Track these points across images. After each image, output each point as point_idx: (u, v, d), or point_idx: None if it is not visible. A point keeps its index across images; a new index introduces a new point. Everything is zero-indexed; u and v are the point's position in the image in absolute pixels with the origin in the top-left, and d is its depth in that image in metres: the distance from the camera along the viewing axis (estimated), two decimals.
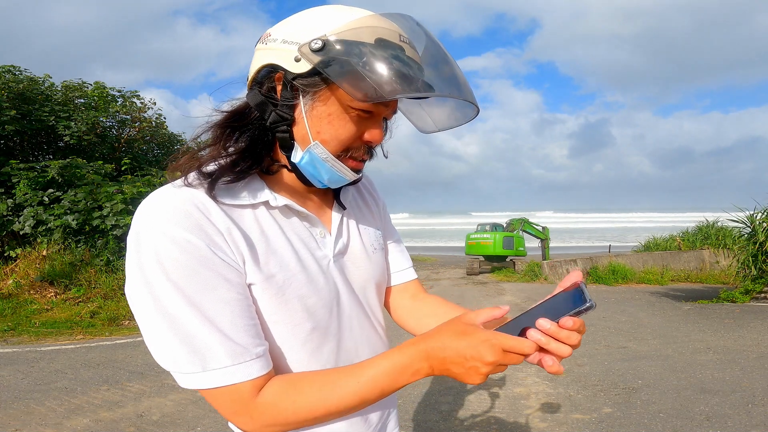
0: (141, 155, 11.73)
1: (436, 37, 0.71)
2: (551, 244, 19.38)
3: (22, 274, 7.59)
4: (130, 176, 9.02)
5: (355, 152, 0.73)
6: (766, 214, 8.89)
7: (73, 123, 9.82)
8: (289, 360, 0.72)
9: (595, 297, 0.63)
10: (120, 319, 6.88)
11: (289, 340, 0.72)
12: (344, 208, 0.84)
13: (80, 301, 7.23)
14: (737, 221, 9.36)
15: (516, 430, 3.21)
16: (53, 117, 9.80)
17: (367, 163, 0.77)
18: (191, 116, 0.74)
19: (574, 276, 0.64)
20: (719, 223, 15.62)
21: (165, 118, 12.48)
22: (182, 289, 0.61)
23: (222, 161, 0.70)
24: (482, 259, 16.79)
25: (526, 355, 0.61)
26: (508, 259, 16.77)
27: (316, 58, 0.63)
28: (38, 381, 4.20)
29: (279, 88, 0.70)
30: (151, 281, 0.61)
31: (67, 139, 9.82)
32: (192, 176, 0.68)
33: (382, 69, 0.62)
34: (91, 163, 8.84)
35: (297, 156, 0.72)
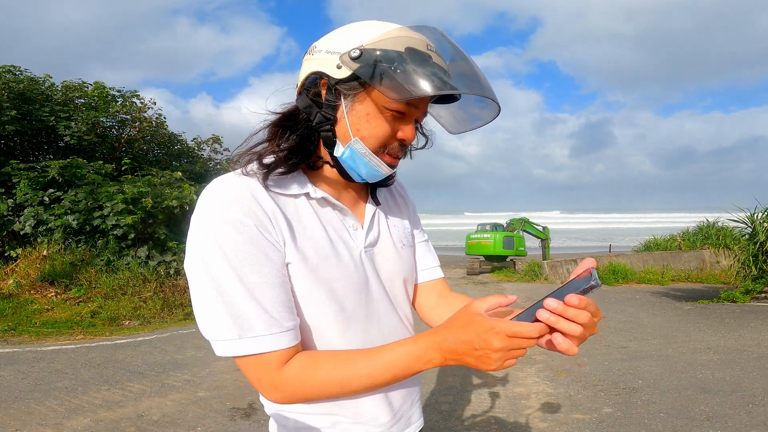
0: (141, 155, 11.71)
1: (459, 45, 0.79)
2: (551, 244, 19.38)
3: (22, 274, 7.58)
4: (130, 176, 9.00)
5: (391, 149, 0.81)
6: (766, 213, 8.89)
7: (73, 123, 9.81)
8: (317, 338, 0.79)
9: (599, 294, 0.62)
10: (120, 319, 6.88)
11: (319, 319, 0.78)
12: (378, 204, 0.92)
13: (81, 301, 7.23)
14: (738, 221, 9.35)
15: (516, 430, 3.21)
16: (53, 117, 9.78)
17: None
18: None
19: (587, 263, 0.67)
20: (720, 223, 15.61)
21: (165, 117, 12.48)
22: (231, 263, 0.69)
23: (276, 156, 0.79)
24: (482, 259, 16.78)
25: (532, 339, 0.64)
26: (508, 259, 16.76)
27: (355, 65, 0.73)
28: (39, 381, 4.20)
29: (323, 92, 0.79)
30: (207, 255, 0.70)
31: (67, 139, 9.80)
32: (251, 167, 0.78)
33: (411, 72, 0.71)
34: (92, 163, 8.82)
35: (339, 151, 0.80)
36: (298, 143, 0.80)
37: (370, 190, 0.93)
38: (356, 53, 0.72)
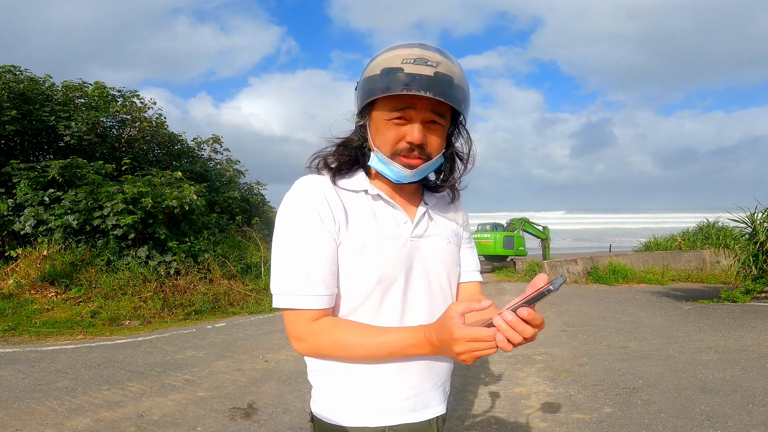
0: (141, 155, 11.67)
1: (442, 55, 0.94)
2: (551, 244, 19.37)
3: (22, 273, 7.58)
4: (130, 176, 8.97)
5: (402, 152, 0.96)
6: (766, 213, 8.88)
7: (73, 123, 9.77)
8: (360, 301, 0.96)
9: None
10: (120, 319, 6.88)
11: (362, 286, 0.96)
12: (426, 204, 1.08)
13: (81, 301, 7.23)
14: (738, 221, 9.35)
15: (516, 430, 3.21)
16: (54, 117, 9.74)
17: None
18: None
19: (540, 280, 0.76)
20: (720, 223, 15.62)
21: (165, 117, 12.45)
22: (295, 237, 0.93)
23: (338, 161, 1.03)
24: (483, 258, 16.79)
25: (490, 341, 0.77)
26: (508, 259, 16.78)
27: (357, 94, 0.99)
28: (39, 381, 4.20)
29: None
30: (281, 229, 0.95)
31: (67, 139, 9.77)
32: (323, 171, 1.02)
33: (374, 86, 0.92)
34: (92, 163, 8.79)
35: (371, 159, 1.01)
36: (353, 156, 1.03)
37: (422, 193, 1.10)
38: (356, 85, 0.99)
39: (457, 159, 1.09)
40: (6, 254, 8.10)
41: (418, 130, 0.94)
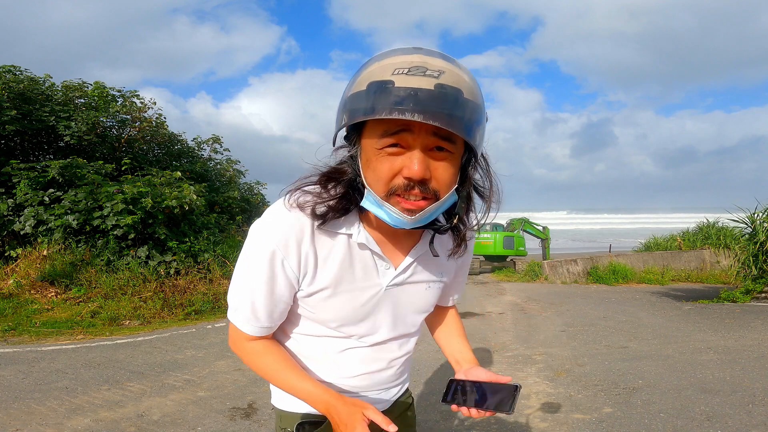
0: (141, 155, 11.67)
1: (442, 58, 0.75)
2: (551, 244, 19.38)
3: (22, 273, 7.58)
4: (130, 176, 8.97)
5: (399, 190, 0.76)
6: (766, 213, 8.88)
7: (73, 123, 9.78)
8: (316, 340, 0.99)
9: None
10: (120, 319, 6.87)
11: (320, 330, 0.98)
12: (436, 255, 0.94)
13: (81, 301, 7.22)
14: (738, 221, 9.35)
15: (516, 430, 3.21)
16: (53, 117, 9.75)
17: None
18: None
19: (505, 379, 0.94)
20: (720, 223, 15.62)
21: (165, 117, 12.45)
22: (252, 270, 0.89)
23: (327, 206, 0.85)
24: (483, 258, 16.79)
25: None
26: (508, 259, 16.76)
27: (337, 116, 0.80)
28: (39, 381, 4.20)
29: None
30: (244, 255, 0.91)
31: (67, 139, 9.78)
32: (307, 205, 0.85)
33: (356, 106, 0.74)
34: (92, 163, 8.80)
35: (364, 199, 0.82)
36: (344, 194, 0.84)
37: (431, 239, 0.92)
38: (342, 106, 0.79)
39: (477, 196, 0.87)
40: (6, 254, 8.10)
41: (418, 162, 0.73)
